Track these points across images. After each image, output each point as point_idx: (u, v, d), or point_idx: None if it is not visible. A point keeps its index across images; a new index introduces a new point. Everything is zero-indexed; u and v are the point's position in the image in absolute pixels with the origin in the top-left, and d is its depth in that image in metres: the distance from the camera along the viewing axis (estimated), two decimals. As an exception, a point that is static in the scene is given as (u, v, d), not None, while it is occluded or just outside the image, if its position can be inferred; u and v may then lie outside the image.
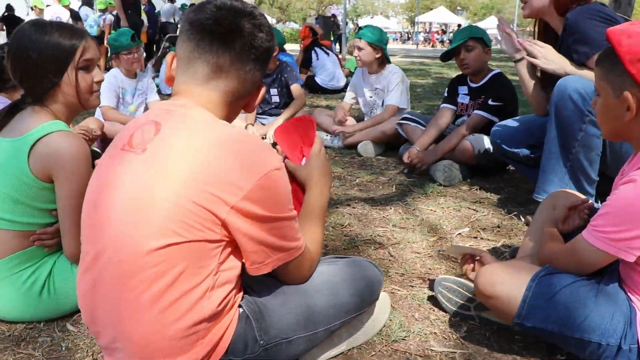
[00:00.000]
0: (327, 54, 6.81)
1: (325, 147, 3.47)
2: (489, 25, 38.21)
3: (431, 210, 2.46)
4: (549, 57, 2.06)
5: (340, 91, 6.50)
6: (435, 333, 1.50)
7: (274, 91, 4.09)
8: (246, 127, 3.79)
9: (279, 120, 3.75)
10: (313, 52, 6.77)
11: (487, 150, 2.79)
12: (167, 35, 8.69)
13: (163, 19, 10.60)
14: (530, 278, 1.30)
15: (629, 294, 1.28)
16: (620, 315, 1.25)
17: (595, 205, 1.58)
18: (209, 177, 1.02)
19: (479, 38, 2.94)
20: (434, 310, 1.61)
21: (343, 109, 3.81)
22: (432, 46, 33.94)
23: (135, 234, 1.03)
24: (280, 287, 1.24)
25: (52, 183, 1.48)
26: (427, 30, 38.31)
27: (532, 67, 2.28)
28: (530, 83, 2.32)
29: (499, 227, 2.24)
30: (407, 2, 53.18)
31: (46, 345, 1.44)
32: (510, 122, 2.51)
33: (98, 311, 1.12)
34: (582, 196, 1.66)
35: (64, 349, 1.42)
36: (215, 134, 1.08)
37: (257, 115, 4.16)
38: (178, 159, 1.04)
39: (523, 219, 2.30)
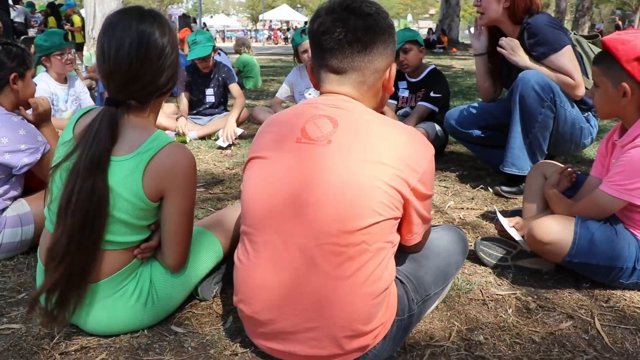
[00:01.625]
0: (220, 54, 6.81)
1: None
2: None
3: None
4: (516, 51, 2.53)
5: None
6: (490, 282, 1.84)
7: (209, 91, 4.09)
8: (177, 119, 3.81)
9: (231, 120, 3.78)
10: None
11: (437, 135, 3.24)
12: (22, 38, 8.01)
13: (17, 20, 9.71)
14: (574, 225, 1.70)
15: (629, 229, 1.75)
16: (632, 244, 1.71)
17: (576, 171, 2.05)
18: (397, 162, 1.21)
19: (414, 40, 3.36)
20: (476, 267, 1.95)
21: (281, 105, 3.98)
22: (276, 43, 34.83)
23: (341, 217, 1.17)
24: (408, 256, 1.46)
25: (160, 201, 1.42)
26: (269, 28, 39.10)
27: (486, 63, 2.77)
28: (484, 75, 2.81)
29: (473, 198, 2.68)
30: (248, 0, 53.56)
31: (170, 348, 1.45)
32: (461, 108, 2.98)
33: (286, 296, 1.23)
34: (561, 165, 2.13)
35: (190, 348, 1.45)
36: (390, 125, 1.26)
37: (191, 116, 4.13)
38: (372, 148, 1.20)
39: (491, 189, 2.76)
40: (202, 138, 3.97)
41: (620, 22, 23.80)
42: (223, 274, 1.72)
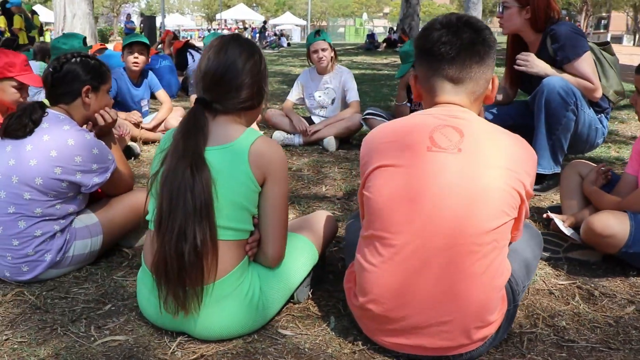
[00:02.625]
0: (193, 55, 6.79)
1: (287, 145, 3.74)
2: (284, 21, 40.43)
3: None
4: (534, 63, 2.72)
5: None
6: (549, 273, 2.01)
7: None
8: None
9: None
10: (188, 54, 6.68)
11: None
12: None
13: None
14: (628, 218, 1.89)
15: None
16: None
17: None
18: (516, 166, 1.34)
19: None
20: (531, 259, 2.12)
21: (300, 119, 3.98)
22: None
23: (477, 219, 1.29)
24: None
25: (261, 187, 1.52)
26: (224, 27, 38.69)
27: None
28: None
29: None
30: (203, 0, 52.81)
31: (287, 351, 1.51)
32: (489, 110, 3.15)
33: (418, 295, 1.34)
34: (594, 164, 2.33)
35: (307, 350, 1.51)
36: (500, 132, 1.39)
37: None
38: (496, 154, 1.33)
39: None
40: (148, 143, 3.95)
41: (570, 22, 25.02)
42: (312, 277, 1.80)
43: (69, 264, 1.91)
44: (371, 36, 20.81)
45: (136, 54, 3.81)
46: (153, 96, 4.16)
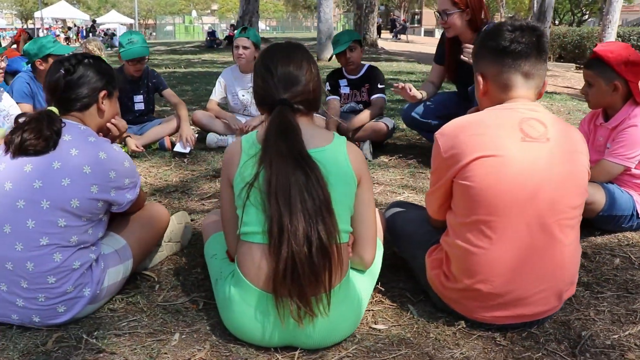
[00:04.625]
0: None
1: (221, 147, 3.63)
2: (110, 19, 37.39)
3: (398, 178, 3.15)
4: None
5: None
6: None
7: (138, 98, 3.74)
8: (125, 138, 3.44)
9: (186, 124, 3.58)
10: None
11: (392, 128, 3.64)
12: None
13: None
14: (602, 187, 2.27)
15: (622, 188, 2.40)
16: (629, 197, 2.37)
17: None
18: (585, 149, 1.58)
19: (358, 40, 3.69)
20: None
21: (235, 118, 3.86)
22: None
23: (567, 197, 1.50)
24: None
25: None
26: (43, 27, 34.41)
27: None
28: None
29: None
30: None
31: (396, 344, 1.54)
32: (422, 101, 3.42)
33: (524, 269, 1.50)
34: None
35: (411, 338, 1.57)
36: (561, 121, 1.60)
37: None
38: (572, 141, 1.55)
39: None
40: (145, 148, 3.65)
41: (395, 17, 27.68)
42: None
43: (104, 297, 1.66)
44: (212, 34, 20.45)
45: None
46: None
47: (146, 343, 1.50)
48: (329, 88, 3.83)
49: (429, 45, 24.80)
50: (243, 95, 3.96)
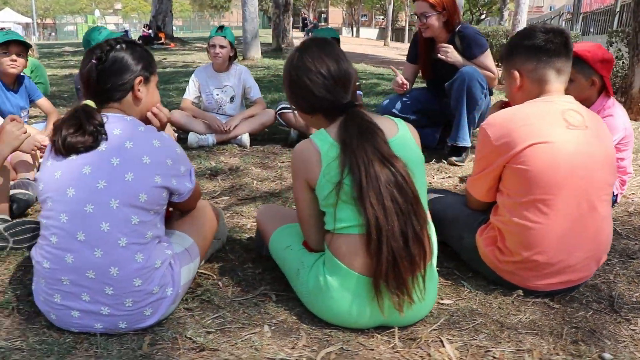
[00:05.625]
0: None
1: (202, 146, 3.62)
2: (4, 17, 34.23)
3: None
4: (453, 54, 3.28)
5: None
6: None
7: None
8: None
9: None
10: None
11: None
12: None
13: None
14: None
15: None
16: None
17: None
18: (611, 136, 1.82)
19: (337, 38, 3.81)
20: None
21: (215, 117, 3.82)
22: None
23: (607, 175, 1.74)
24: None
25: None
26: None
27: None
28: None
29: (439, 169, 3.36)
30: None
31: (472, 317, 1.69)
32: (395, 98, 3.62)
33: (574, 240, 1.71)
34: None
35: (480, 311, 1.72)
36: (590, 111, 1.83)
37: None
38: (605, 128, 1.79)
39: (445, 161, 3.49)
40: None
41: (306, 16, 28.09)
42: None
43: (180, 296, 1.64)
44: (125, 34, 19.49)
45: (14, 56, 3.09)
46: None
47: (243, 337, 1.53)
48: None
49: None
50: (218, 95, 3.92)
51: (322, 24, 50.76)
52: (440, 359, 1.46)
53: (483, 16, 34.05)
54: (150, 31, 19.39)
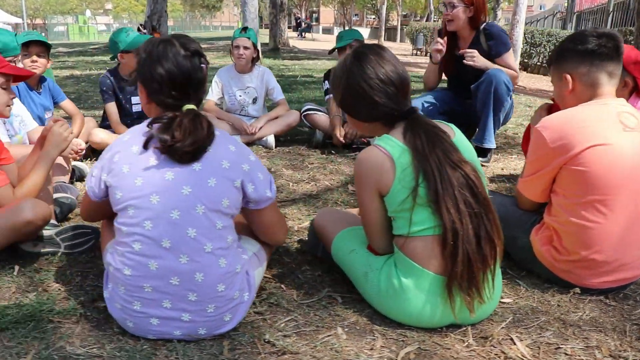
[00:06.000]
0: None
1: None
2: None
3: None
4: (479, 58, 3.33)
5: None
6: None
7: (136, 99, 3.56)
8: None
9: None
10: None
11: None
12: None
13: None
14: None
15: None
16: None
17: None
18: None
19: (360, 40, 3.84)
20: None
21: (241, 119, 3.86)
22: None
23: None
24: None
25: None
26: None
27: (436, 68, 3.55)
28: (432, 75, 3.65)
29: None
30: None
31: (534, 314, 1.73)
32: (422, 100, 3.66)
33: (630, 239, 1.76)
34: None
35: (541, 309, 1.77)
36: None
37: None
38: None
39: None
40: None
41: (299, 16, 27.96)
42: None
43: (252, 300, 1.67)
44: (120, 34, 19.45)
45: (34, 57, 3.09)
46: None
47: (320, 339, 1.55)
48: (329, 86, 3.93)
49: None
50: (240, 96, 3.95)
51: (314, 23, 50.81)
52: (515, 356, 1.50)
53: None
54: (145, 31, 19.31)
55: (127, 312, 1.53)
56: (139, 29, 20.08)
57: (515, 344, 1.56)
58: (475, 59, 3.32)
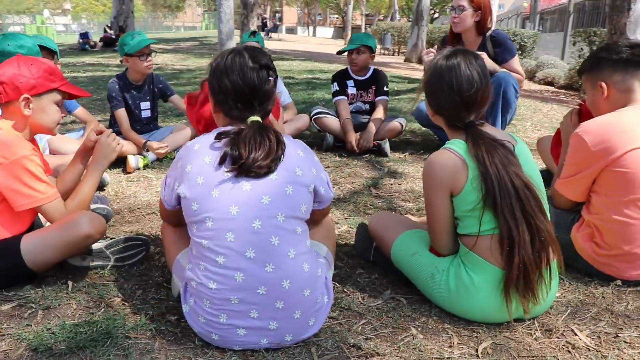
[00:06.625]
0: None
1: None
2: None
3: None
4: (487, 61, 3.47)
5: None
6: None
7: (145, 105, 3.56)
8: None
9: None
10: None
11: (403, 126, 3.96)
12: None
13: None
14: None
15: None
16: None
17: None
18: None
19: (369, 46, 3.92)
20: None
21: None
22: None
23: None
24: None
25: None
26: None
27: None
28: None
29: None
30: None
31: (588, 306, 1.86)
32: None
33: None
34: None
35: (587, 302, 1.90)
36: None
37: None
38: None
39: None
40: (160, 159, 3.53)
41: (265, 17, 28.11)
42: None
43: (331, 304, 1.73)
44: (84, 35, 18.87)
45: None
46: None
47: (400, 340, 1.63)
48: (337, 88, 4.00)
49: (300, 43, 25.63)
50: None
51: (278, 23, 50.64)
52: (581, 346, 1.62)
53: (436, 15, 34.89)
54: (112, 32, 18.91)
55: (212, 326, 1.54)
56: (105, 30, 19.77)
57: (576, 334, 1.68)
58: (484, 61, 3.46)
